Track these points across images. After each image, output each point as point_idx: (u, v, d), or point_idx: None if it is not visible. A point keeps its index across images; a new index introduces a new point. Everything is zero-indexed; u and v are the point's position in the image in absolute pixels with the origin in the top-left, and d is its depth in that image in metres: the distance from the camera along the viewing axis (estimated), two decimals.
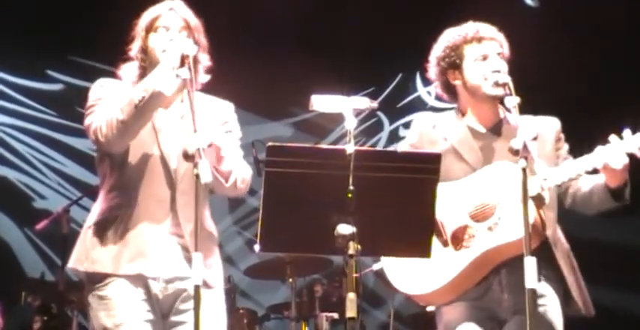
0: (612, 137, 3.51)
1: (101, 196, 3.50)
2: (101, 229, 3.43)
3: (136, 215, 3.41)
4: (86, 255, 3.44)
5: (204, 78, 3.61)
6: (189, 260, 3.33)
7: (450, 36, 3.82)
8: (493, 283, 3.59)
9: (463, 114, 3.80)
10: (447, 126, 3.78)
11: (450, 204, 3.57)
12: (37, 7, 7.53)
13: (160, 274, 3.38)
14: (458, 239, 3.56)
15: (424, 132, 3.79)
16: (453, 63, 3.78)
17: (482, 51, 3.75)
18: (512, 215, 3.49)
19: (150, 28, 3.52)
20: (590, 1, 7.07)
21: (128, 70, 3.55)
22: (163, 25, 3.51)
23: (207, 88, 3.64)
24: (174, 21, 3.52)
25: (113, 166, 3.48)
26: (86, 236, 3.46)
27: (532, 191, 3.22)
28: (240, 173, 3.43)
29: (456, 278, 3.54)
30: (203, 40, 3.58)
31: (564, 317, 3.59)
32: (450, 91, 3.85)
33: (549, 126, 3.78)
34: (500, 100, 3.67)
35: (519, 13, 7.52)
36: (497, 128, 3.78)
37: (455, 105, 3.86)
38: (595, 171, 3.55)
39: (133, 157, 3.44)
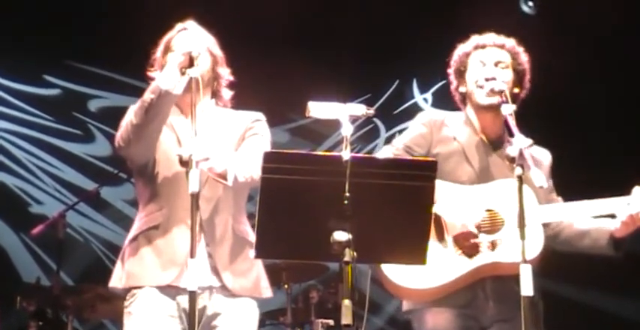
0: (636, 189, 3.55)
1: (138, 213, 3.56)
2: (136, 245, 3.47)
3: (167, 227, 3.44)
4: (122, 272, 3.48)
5: (227, 93, 3.66)
6: (214, 269, 3.39)
7: (467, 43, 3.83)
8: (477, 291, 3.61)
9: (471, 121, 3.80)
10: (457, 127, 3.78)
11: (457, 207, 3.58)
12: (33, 12, 7.52)
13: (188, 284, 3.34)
14: (460, 244, 3.58)
15: (435, 127, 3.78)
16: (458, 70, 3.80)
17: (482, 58, 3.75)
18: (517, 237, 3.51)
19: (166, 50, 3.60)
20: (588, 7, 7.07)
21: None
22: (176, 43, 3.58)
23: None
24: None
25: (144, 183, 3.53)
26: (124, 254, 3.50)
27: (539, 182, 3.21)
28: (240, 169, 3.40)
29: (451, 282, 3.57)
30: (219, 54, 3.63)
31: None
32: (461, 98, 3.85)
33: (543, 157, 3.79)
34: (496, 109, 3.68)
35: (516, 20, 7.52)
36: (499, 142, 3.77)
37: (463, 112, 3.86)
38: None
39: (160, 170, 3.49)
